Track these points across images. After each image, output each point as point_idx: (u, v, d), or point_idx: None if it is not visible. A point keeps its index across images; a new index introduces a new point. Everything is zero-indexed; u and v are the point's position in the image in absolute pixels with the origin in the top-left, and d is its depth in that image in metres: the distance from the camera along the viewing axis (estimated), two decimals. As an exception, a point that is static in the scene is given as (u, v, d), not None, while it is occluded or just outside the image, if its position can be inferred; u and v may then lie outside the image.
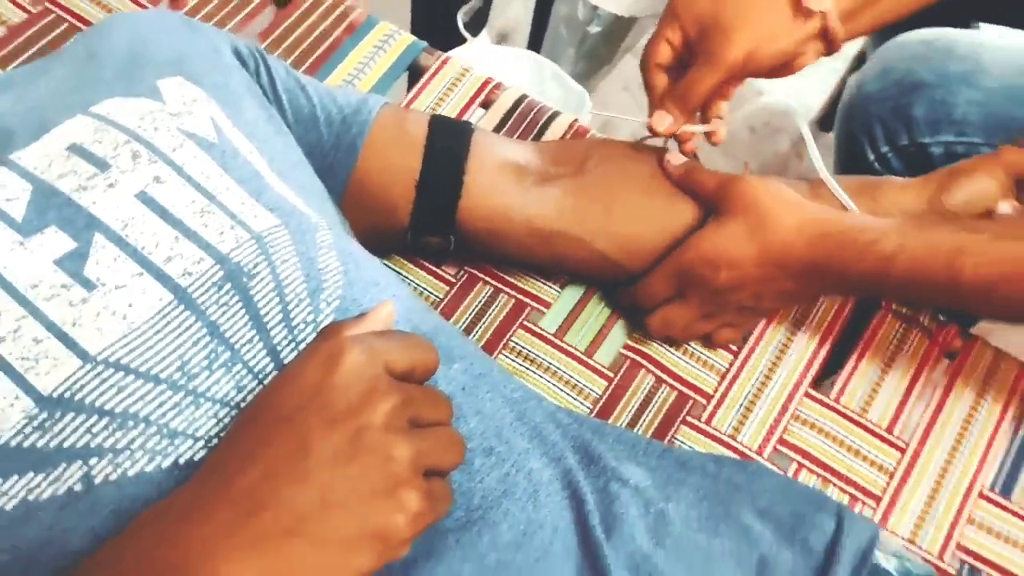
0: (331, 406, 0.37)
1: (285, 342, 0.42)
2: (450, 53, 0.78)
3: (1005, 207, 0.63)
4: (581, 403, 0.63)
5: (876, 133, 0.76)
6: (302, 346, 0.42)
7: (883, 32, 0.87)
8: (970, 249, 0.52)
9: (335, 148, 0.60)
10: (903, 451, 0.62)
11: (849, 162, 0.80)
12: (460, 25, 0.98)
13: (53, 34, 0.73)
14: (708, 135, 0.63)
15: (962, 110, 0.72)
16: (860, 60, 1.43)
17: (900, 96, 0.75)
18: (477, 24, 1.02)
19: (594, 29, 1.20)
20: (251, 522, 0.34)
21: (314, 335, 0.42)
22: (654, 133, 0.61)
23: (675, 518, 0.46)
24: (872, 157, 0.77)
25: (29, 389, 0.37)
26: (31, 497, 0.36)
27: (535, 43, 1.30)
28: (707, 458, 0.52)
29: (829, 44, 0.58)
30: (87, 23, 0.74)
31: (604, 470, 0.48)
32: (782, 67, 0.60)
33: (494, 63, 0.97)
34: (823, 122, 1.54)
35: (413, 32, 0.80)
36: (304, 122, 0.59)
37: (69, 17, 0.74)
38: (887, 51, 0.78)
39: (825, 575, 0.45)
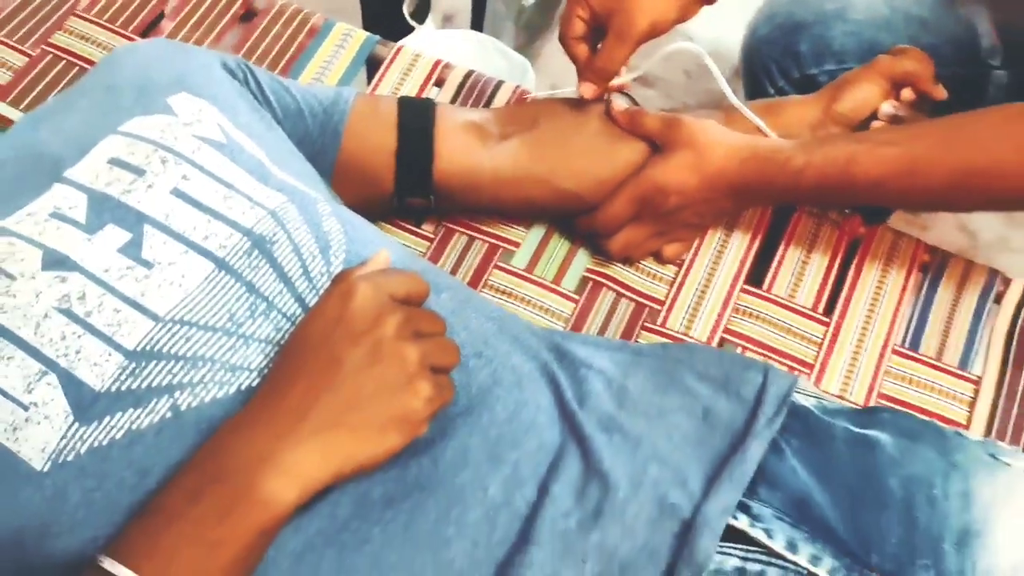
0: (352, 329, 0.48)
1: (308, 290, 0.53)
2: (401, 42, 0.89)
3: (886, 107, 0.75)
4: (554, 323, 0.74)
5: (772, 70, 0.89)
6: (321, 291, 0.53)
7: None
8: (859, 158, 0.65)
9: (321, 135, 0.70)
10: (827, 325, 0.74)
11: (754, 96, 0.93)
12: (406, 15, 1.08)
13: (53, 72, 0.83)
14: (620, 87, 0.74)
15: (839, 42, 0.84)
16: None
17: (786, 36, 0.87)
18: (422, 12, 1.12)
19: (529, 1, 1.30)
20: (304, 423, 0.46)
21: (329, 282, 0.53)
22: (583, 99, 0.73)
23: (632, 389, 0.58)
24: (772, 91, 0.89)
25: (118, 347, 0.48)
26: (134, 427, 0.47)
27: (477, 23, 1.41)
28: (657, 346, 0.64)
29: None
30: (82, 59, 0.83)
31: (573, 361, 0.59)
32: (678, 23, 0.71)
33: (442, 46, 1.07)
34: (753, 58, 1.65)
35: (365, 27, 0.91)
36: (292, 117, 0.70)
37: (65, 55, 0.84)
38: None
39: (755, 415, 0.57)
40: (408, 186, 0.72)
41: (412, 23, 1.09)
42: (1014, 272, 0.77)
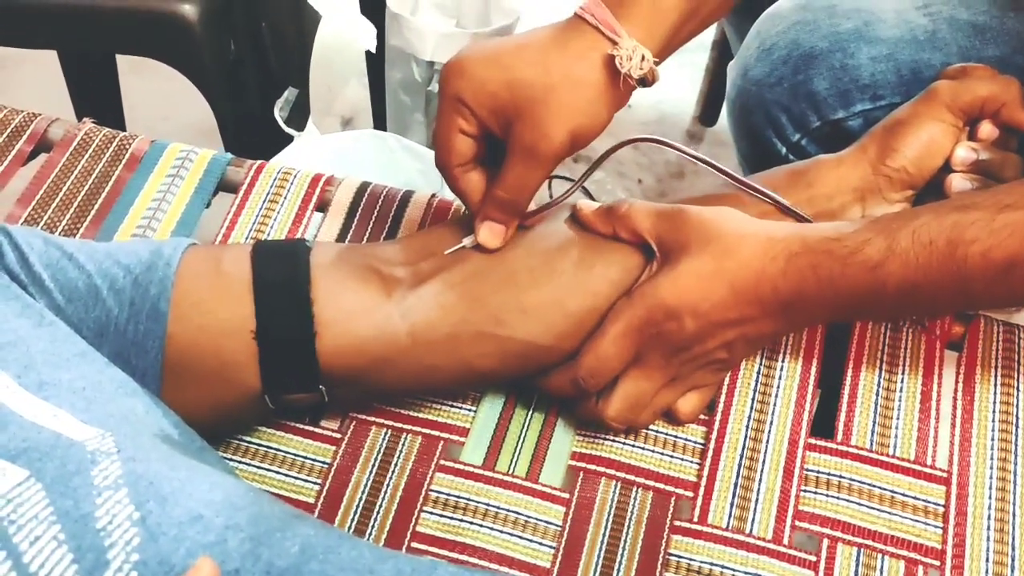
0: None
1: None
2: (277, 157, 0.64)
3: (963, 151, 0.52)
4: (539, 545, 0.48)
5: (781, 122, 0.64)
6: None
7: (740, 11, 0.76)
8: (968, 233, 0.42)
9: (133, 319, 0.45)
10: (946, 482, 0.49)
11: (758, 161, 0.68)
12: (280, 121, 0.84)
13: None
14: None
15: (868, 71, 0.61)
16: (720, 46, 1.35)
17: (794, 73, 0.63)
18: (300, 116, 0.88)
19: (436, 87, 1.08)
20: None
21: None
22: (485, 249, 0.49)
23: None
24: (784, 150, 0.65)
25: None
26: None
27: (380, 122, 1.18)
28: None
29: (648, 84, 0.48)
30: None
31: None
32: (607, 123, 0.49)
33: (331, 155, 0.84)
34: (704, 117, 1.45)
35: (227, 148, 0.66)
36: (81, 299, 0.45)
37: None
38: (763, 27, 0.67)
39: None
40: (282, 378, 0.47)
41: (290, 131, 0.85)
42: None
